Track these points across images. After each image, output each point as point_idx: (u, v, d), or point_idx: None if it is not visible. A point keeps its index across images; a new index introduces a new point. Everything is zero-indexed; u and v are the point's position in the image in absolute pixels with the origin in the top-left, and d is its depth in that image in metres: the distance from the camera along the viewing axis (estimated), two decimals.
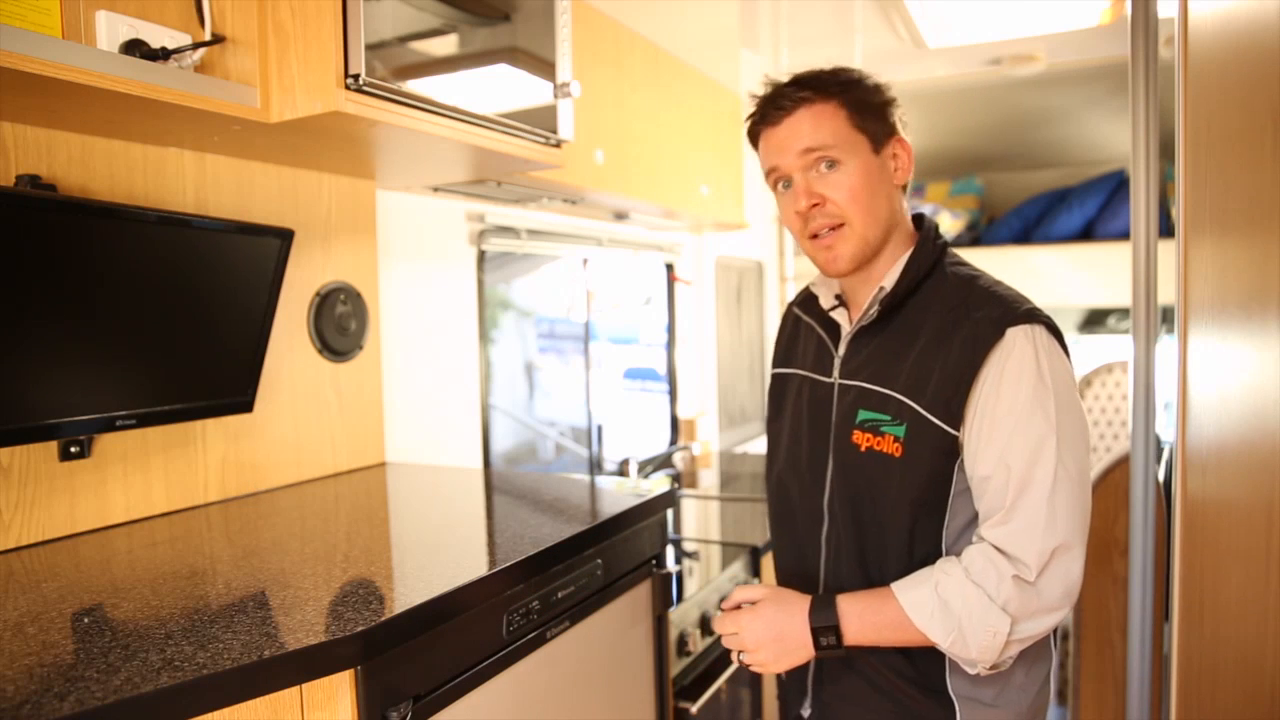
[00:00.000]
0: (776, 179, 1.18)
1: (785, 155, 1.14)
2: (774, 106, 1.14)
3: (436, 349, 2.09)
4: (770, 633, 1.13)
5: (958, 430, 1.06)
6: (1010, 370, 1.04)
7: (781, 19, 3.33)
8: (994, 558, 1.03)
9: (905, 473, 1.09)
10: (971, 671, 1.07)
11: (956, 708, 1.11)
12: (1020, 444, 1.03)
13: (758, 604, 1.16)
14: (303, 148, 1.49)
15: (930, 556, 1.10)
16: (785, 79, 1.17)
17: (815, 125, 1.12)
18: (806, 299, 1.32)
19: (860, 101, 1.13)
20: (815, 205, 1.13)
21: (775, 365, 1.36)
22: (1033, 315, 1.06)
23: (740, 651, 1.16)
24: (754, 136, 1.20)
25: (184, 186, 1.46)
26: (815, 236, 1.14)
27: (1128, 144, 1.69)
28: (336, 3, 1.19)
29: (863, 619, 1.09)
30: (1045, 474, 1.02)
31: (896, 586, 1.08)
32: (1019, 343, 1.04)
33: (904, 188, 1.19)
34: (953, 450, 1.08)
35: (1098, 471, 2.01)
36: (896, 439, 1.10)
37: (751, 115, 1.19)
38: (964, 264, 1.18)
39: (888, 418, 1.11)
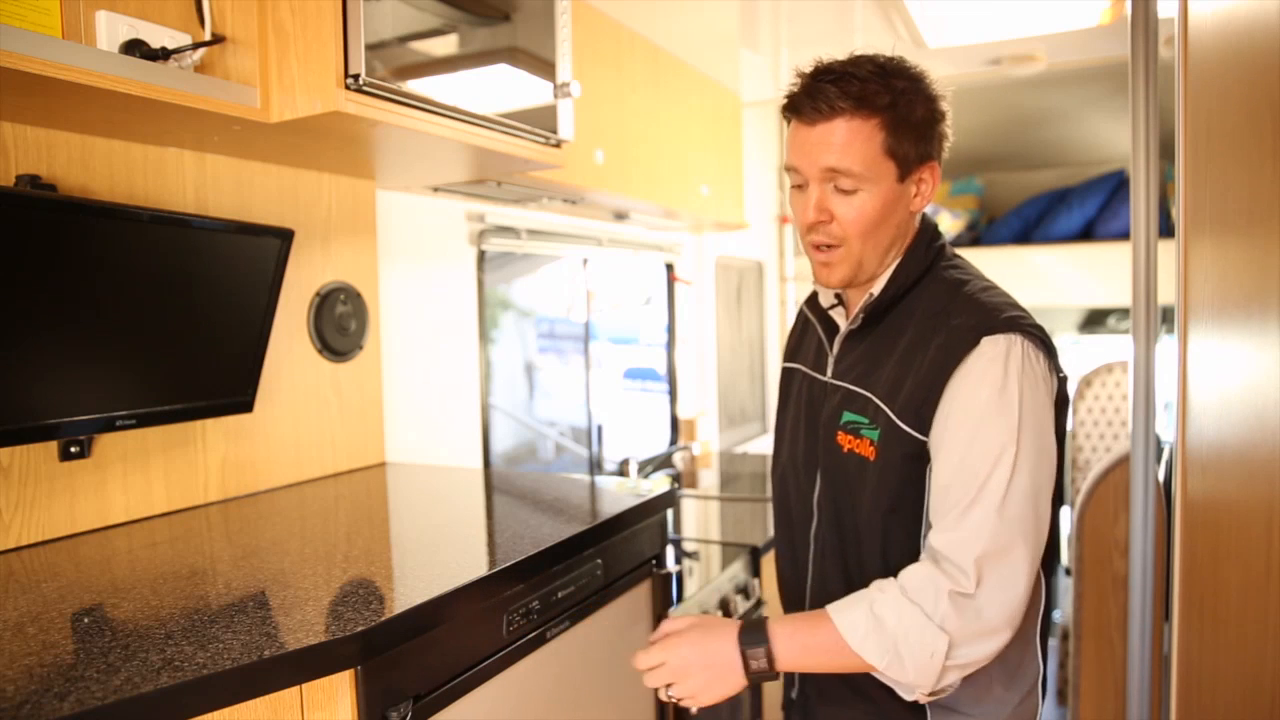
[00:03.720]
0: (793, 177, 1.14)
1: (806, 163, 1.09)
2: (811, 105, 1.07)
3: (436, 349, 2.09)
4: (698, 657, 1.07)
5: (926, 436, 1.06)
6: (973, 378, 1.02)
7: (781, 19, 3.33)
8: (932, 574, 1.00)
9: (878, 476, 1.09)
10: (909, 698, 1.02)
11: (929, 715, 1.11)
12: (978, 453, 1.00)
13: (685, 630, 1.10)
14: (303, 148, 1.49)
15: (906, 561, 1.09)
16: (841, 60, 1.08)
17: (846, 144, 1.06)
18: (812, 296, 1.33)
19: (903, 121, 1.06)
20: (821, 221, 1.10)
21: (785, 359, 1.37)
22: (1012, 323, 1.03)
23: (669, 686, 1.08)
24: (786, 116, 1.14)
25: (184, 186, 1.46)
26: (816, 247, 1.13)
27: (1128, 144, 1.69)
28: (336, 3, 1.19)
29: (793, 639, 1.04)
30: (999, 484, 0.99)
31: (832, 608, 1.04)
32: (987, 351, 1.02)
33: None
34: (923, 455, 1.07)
35: (1098, 471, 2.01)
36: (872, 442, 1.09)
37: (789, 95, 1.11)
38: (959, 267, 1.17)
39: (866, 420, 1.11)
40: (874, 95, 1.05)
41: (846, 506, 1.14)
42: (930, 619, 0.98)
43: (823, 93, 1.06)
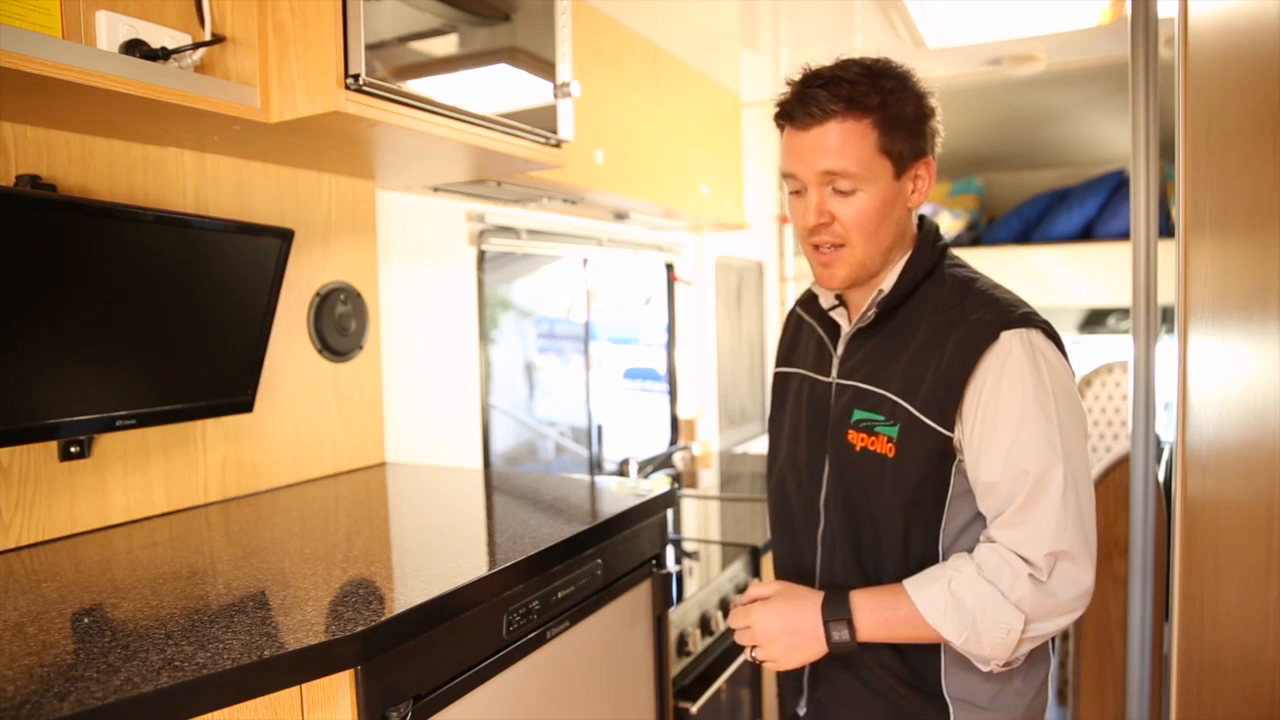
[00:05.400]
0: (791, 183, 1.15)
1: (803, 168, 1.10)
2: (804, 110, 1.08)
3: (436, 349, 2.09)
4: (782, 625, 1.12)
5: (951, 431, 1.06)
6: (1009, 374, 1.04)
7: (781, 19, 3.34)
8: (1007, 557, 1.03)
9: (898, 473, 1.09)
10: (985, 669, 1.07)
11: (951, 710, 1.11)
12: (1025, 448, 1.02)
13: (770, 598, 1.16)
14: (303, 148, 1.49)
15: (926, 559, 1.10)
16: (829, 65, 1.10)
17: (841, 146, 1.07)
18: (808, 299, 1.32)
19: (895, 119, 1.08)
20: (823, 224, 1.11)
21: (777, 364, 1.36)
22: (1028, 319, 1.06)
23: (753, 647, 1.15)
24: (779, 124, 1.16)
25: (184, 186, 1.46)
26: (816, 248, 1.14)
27: (1128, 144, 1.69)
28: (336, 3, 1.19)
29: (875, 614, 1.08)
30: (1056, 479, 1.02)
31: (909, 583, 1.07)
32: (1015, 346, 1.04)
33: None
34: (946, 452, 1.07)
35: (1098, 471, 2.01)
36: (890, 439, 1.10)
37: (781, 103, 1.13)
38: (963, 267, 1.18)
39: (881, 418, 1.11)
40: (863, 96, 1.07)
41: (861, 504, 1.14)
42: (1006, 598, 1.02)
43: (813, 98, 1.08)
